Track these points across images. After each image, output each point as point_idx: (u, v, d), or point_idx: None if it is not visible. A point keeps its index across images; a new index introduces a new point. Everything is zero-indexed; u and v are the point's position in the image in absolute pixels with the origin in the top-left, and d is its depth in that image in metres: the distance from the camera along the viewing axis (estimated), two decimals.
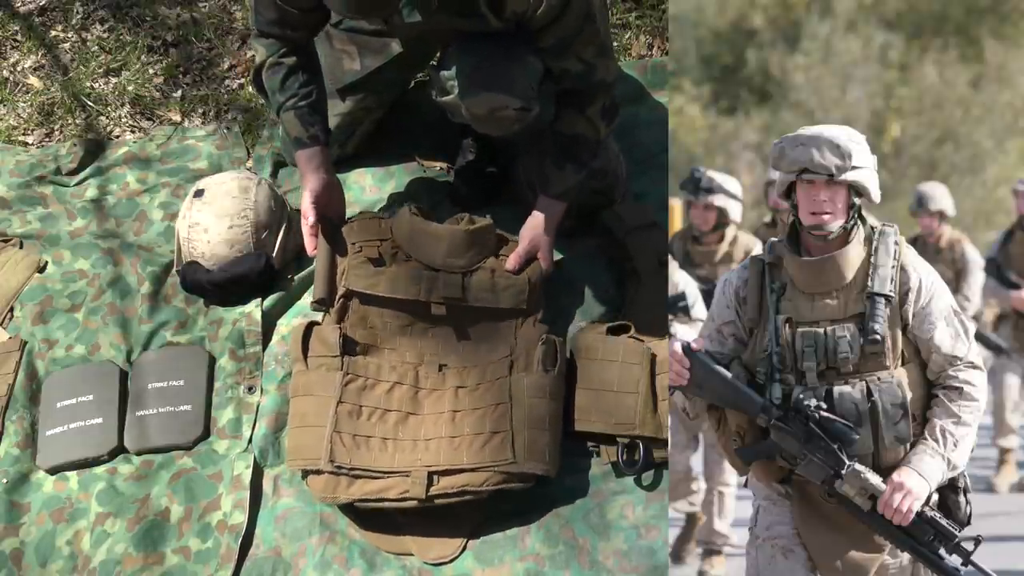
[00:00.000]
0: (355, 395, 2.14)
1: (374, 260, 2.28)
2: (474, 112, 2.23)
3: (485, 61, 2.15)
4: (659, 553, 2.07)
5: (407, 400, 2.17)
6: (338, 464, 2.06)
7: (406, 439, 2.11)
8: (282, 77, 2.28)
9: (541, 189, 2.38)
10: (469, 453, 2.07)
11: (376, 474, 2.07)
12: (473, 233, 2.32)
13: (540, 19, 2.04)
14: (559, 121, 2.30)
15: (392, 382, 2.18)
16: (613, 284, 2.47)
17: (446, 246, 2.29)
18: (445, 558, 2.08)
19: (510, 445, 2.06)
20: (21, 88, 3.16)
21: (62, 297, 2.55)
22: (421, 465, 2.07)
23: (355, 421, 2.12)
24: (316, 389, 2.15)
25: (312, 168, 2.32)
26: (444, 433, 2.11)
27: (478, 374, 2.19)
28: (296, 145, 2.34)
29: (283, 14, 2.20)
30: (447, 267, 2.29)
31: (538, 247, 2.34)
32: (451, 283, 2.27)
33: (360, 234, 2.32)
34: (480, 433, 2.09)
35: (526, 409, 2.10)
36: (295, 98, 2.29)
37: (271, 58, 2.28)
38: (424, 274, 2.27)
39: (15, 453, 2.29)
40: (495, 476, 2.05)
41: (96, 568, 2.12)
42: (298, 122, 2.30)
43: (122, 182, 2.82)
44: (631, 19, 3.15)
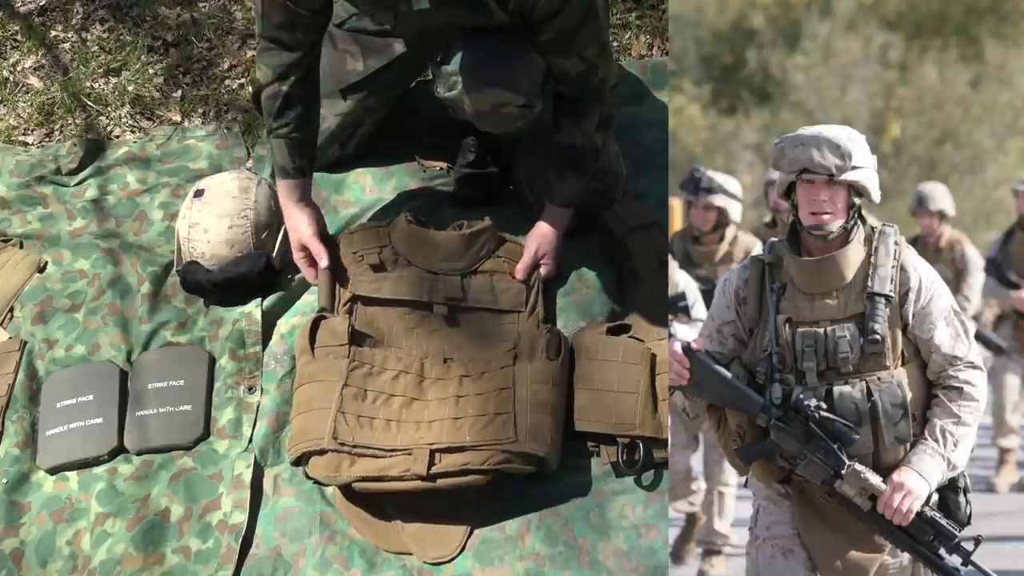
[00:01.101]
0: (361, 379, 2.17)
1: (375, 266, 2.35)
2: (477, 108, 2.23)
3: (489, 57, 2.16)
4: (659, 553, 2.07)
5: (412, 387, 2.19)
6: (341, 441, 2.08)
7: (410, 421, 2.13)
8: (280, 105, 2.30)
9: (546, 198, 2.42)
10: (472, 432, 2.08)
11: (379, 452, 2.08)
12: (470, 236, 2.37)
13: (542, 10, 2.04)
14: (558, 132, 2.33)
15: (398, 371, 2.20)
16: (613, 284, 2.47)
17: (442, 251, 2.35)
18: (443, 557, 2.08)
19: (512, 425, 2.08)
20: (21, 88, 3.16)
21: (62, 297, 2.55)
22: (424, 444, 2.08)
23: (360, 403, 2.14)
24: (322, 375, 2.17)
25: (294, 200, 2.38)
26: (447, 415, 2.13)
27: (482, 364, 2.21)
28: (280, 173, 2.38)
29: (292, 16, 2.20)
30: (446, 270, 2.33)
31: (546, 254, 2.38)
32: (451, 284, 2.31)
33: (361, 243, 2.40)
34: (483, 414, 2.11)
35: (529, 393, 2.12)
36: (288, 127, 2.32)
37: (272, 84, 2.29)
38: (425, 276, 2.33)
39: (15, 453, 2.29)
40: (496, 455, 2.06)
41: (96, 568, 2.12)
42: (287, 151, 2.34)
43: (122, 182, 2.82)
44: (631, 19, 3.15)
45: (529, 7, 2.04)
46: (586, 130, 2.30)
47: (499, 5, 2.05)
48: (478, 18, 2.09)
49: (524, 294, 2.34)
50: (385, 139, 2.73)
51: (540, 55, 2.19)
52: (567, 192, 2.39)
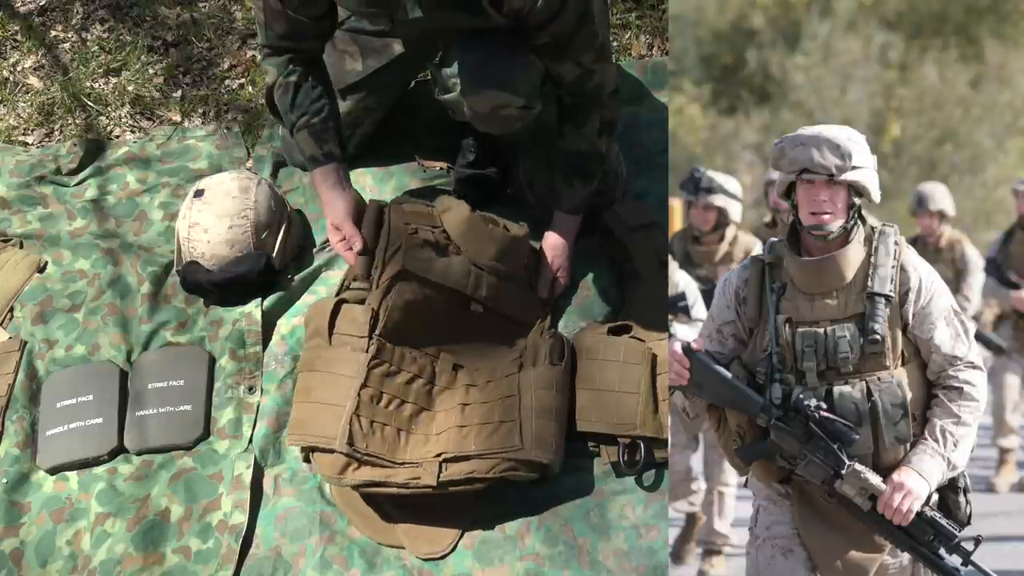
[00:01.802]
0: (379, 380, 2.15)
1: (433, 244, 2.27)
2: (476, 110, 2.23)
3: (488, 59, 2.16)
4: (659, 553, 2.07)
5: (423, 395, 2.18)
6: (355, 448, 2.06)
7: (418, 433, 2.13)
8: (292, 96, 2.29)
9: (554, 206, 2.43)
10: (477, 441, 2.08)
11: (387, 463, 2.07)
12: (520, 240, 2.35)
13: (538, 16, 2.04)
14: (562, 139, 2.33)
15: (412, 374, 2.19)
16: (613, 284, 2.47)
17: (498, 248, 2.31)
18: (436, 553, 2.09)
19: (518, 433, 2.07)
20: (21, 88, 3.16)
21: (62, 297, 2.55)
22: (431, 457, 2.08)
23: (375, 407, 2.13)
24: (338, 367, 2.15)
25: (329, 186, 2.32)
26: (453, 423, 2.12)
27: (488, 372, 2.21)
28: (311, 163, 2.34)
29: (294, 26, 2.20)
30: (492, 269, 2.30)
31: (560, 267, 2.40)
32: (491, 285, 2.29)
33: (414, 217, 2.29)
34: (488, 423, 2.10)
35: (534, 399, 2.12)
36: (306, 115, 2.29)
37: (280, 78, 2.29)
38: (472, 269, 2.28)
39: (15, 453, 2.29)
40: (502, 463, 2.05)
41: (96, 568, 2.12)
42: (312, 140, 2.31)
43: (122, 182, 2.82)
44: (631, 19, 3.14)
45: (525, 12, 2.04)
46: (588, 135, 2.30)
47: (495, 9, 2.05)
48: (476, 21, 2.09)
49: (543, 309, 2.37)
50: (385, 139, 2.73)
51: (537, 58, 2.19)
52: (575, 198, 2.40)
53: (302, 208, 2.69)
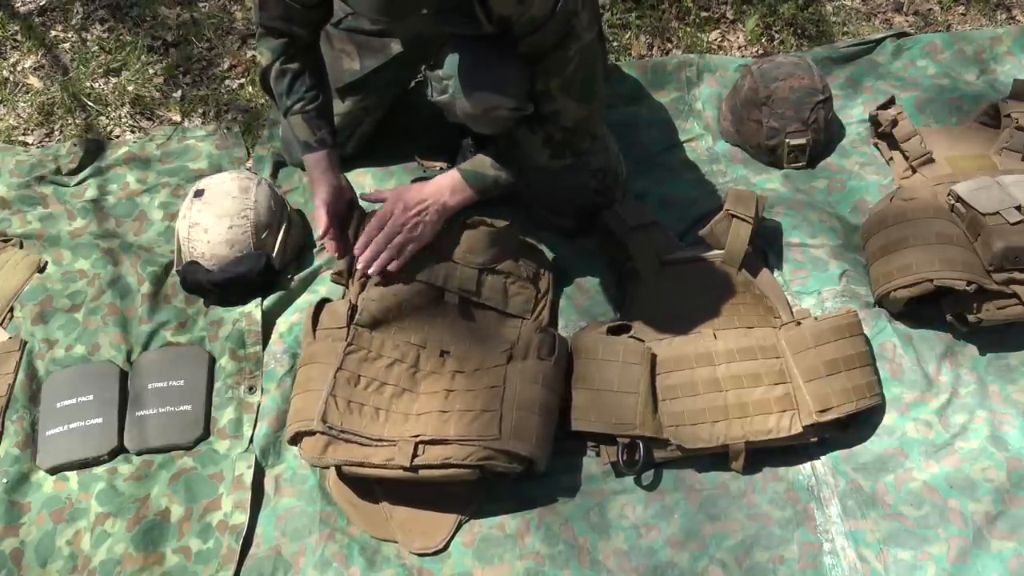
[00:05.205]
0: (355, 364, 2.19)
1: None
2: (468, 112, 2.23)
3: (479, 61, 2.16)
4: (659, 553, 2.07)
5: (405, 377, 2.20)
6: (329, 425, 2.09)
7: (399, 412, 2.15)
8: (288, 81, 2.32)
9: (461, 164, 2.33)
10: (457, 427, 2.08)
11: (364, 441, 2.09)
12: (495, 233, 2.36)
13: (522, 28, 2.05)
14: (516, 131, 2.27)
15: (393, 359, 2.21)
16: (613, 284, 2.48)
17: (466, 244, 2.34)
18: (428, 549, 2.09)
19: (497, 423, 2.07)
20: (21, 88, 3.16)
21: (62, 297, 2.55)
22: (409, 436, 2.09)
23: (351, 388, 2.15)
24: (320, 357, 2.20)
25: (319, 172, 2.35)
26: (435, 407, 2.14)
27: (477, 361, 2.21)
28: (304, 148, 2.36)
29: (288, 10, 2.23)
30: (465, 262, 2.33)
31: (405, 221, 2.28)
32: (467, 276, 2.32)
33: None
34: (470, 410, 2.11)
35: (517, 392, 2.12)
36: (302, 102, 2.32)
37: (277, 63, 2.30)
38: (443, 263, 2.33)
39: (15, 453, 2.29)
40: (479, 451, 2.05)
41: (96, 568, 2.12)
42: (305, 126, 2.33)
43: (122, 182, 2.83)
44: (631, 19, 3.15)
45: (511, 21, 2.05)
46: (532, 142, 2.25)
47: (487, 18, 2.06)
48: (469, 29, 2.10)
49: (533, 303, 2.37)
50: (384, 139, 2.74)
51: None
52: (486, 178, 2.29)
53: (302, 208, 2.69)
